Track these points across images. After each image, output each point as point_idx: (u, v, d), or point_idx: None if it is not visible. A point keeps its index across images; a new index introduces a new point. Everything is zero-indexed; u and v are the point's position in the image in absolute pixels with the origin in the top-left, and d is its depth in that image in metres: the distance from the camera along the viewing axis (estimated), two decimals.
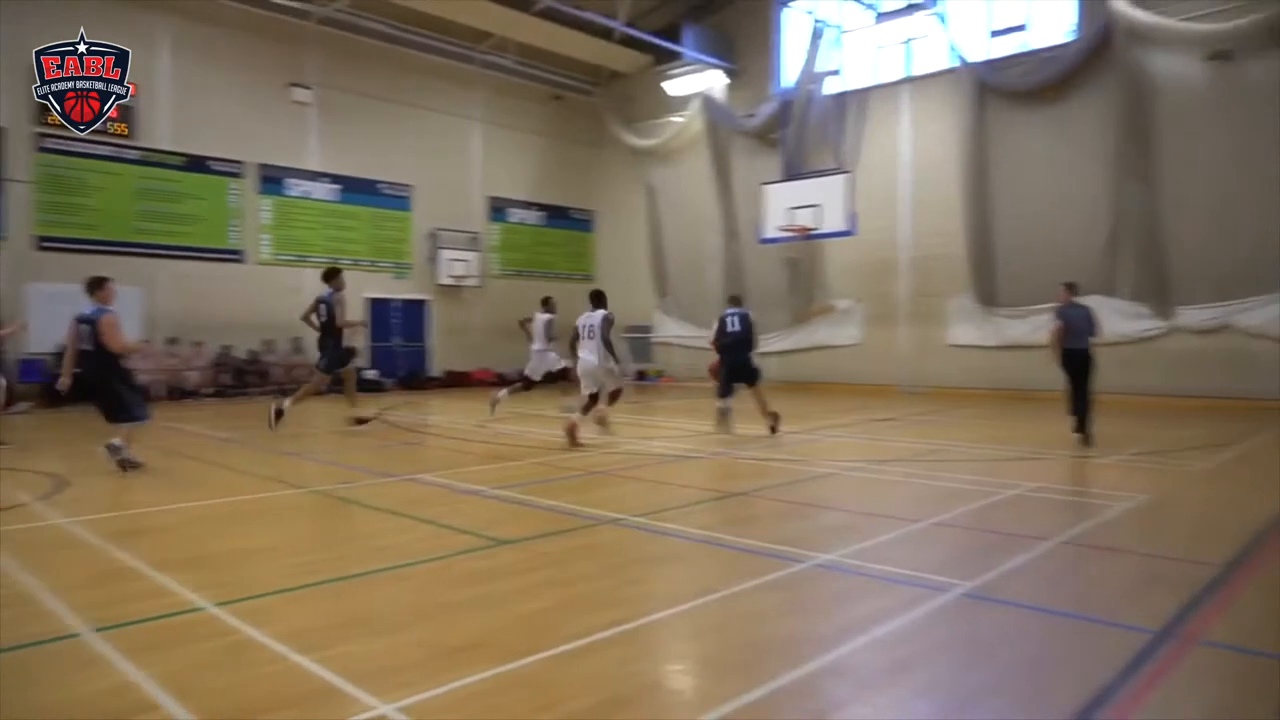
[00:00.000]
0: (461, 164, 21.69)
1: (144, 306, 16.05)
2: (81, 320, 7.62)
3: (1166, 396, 14.52)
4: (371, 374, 19.42)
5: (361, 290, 19.74)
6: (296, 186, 18.59)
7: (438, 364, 21.06)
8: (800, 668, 3.18)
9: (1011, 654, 3.37)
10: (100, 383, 7.64)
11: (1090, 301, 14.10)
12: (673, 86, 21.53)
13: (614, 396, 10.85)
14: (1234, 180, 14.21)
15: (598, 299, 10.57)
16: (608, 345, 10.07)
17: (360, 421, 11.19)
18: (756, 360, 11.05)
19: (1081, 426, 9.63)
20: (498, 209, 22.46)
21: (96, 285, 7.77)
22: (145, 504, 6.48)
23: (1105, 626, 3.67)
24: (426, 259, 20.83)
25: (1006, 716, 2.83)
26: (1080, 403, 9.70)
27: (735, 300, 11.77)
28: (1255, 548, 4.96)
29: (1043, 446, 9.62)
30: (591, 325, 10.11)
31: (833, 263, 19.36)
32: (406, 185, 20.42)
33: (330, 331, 11.07)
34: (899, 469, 8.08)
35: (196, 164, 16.98)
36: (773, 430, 10.44)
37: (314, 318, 11.19)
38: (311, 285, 18.68)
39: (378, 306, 20.05)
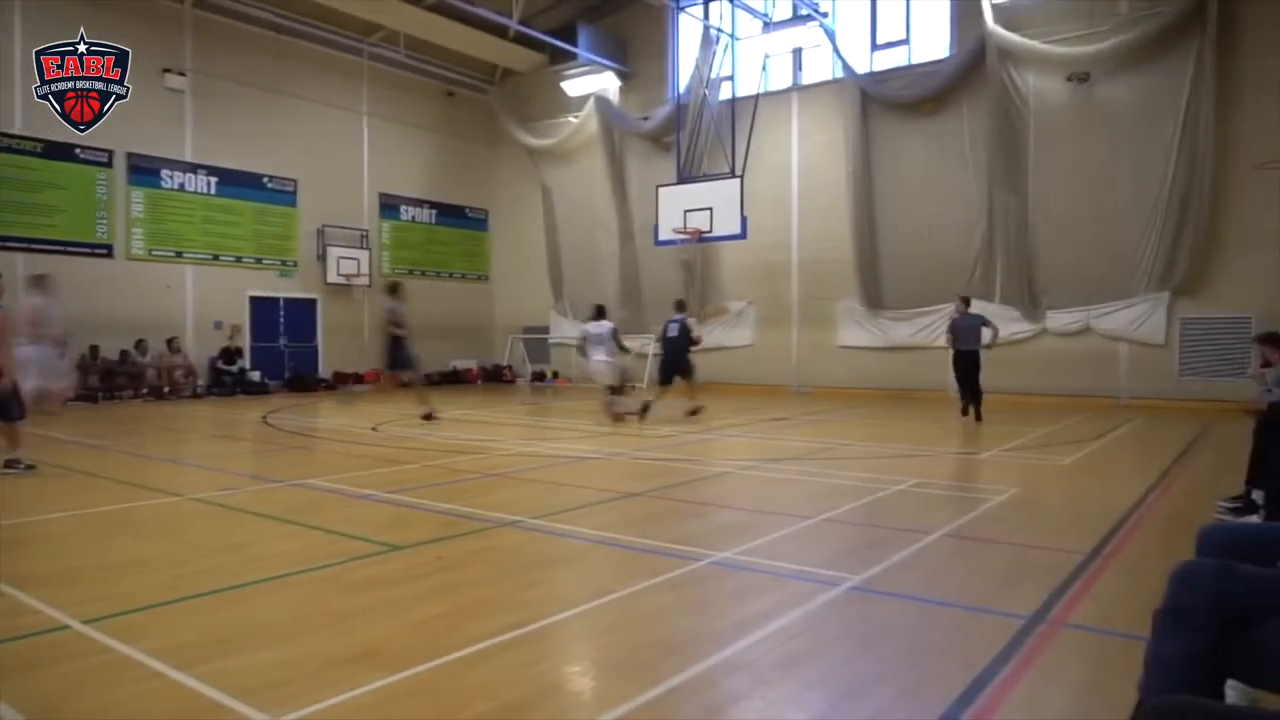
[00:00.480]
0: (350, 159, 21.04)
1: None
2: None
3: (1036, 395, 15.46)
4: (255, 375, 18.63)
5: (245, 289, 18.93)
6: (171, 178, 17.62)
7: (326, 365, 20.36)
8: (697, 665, 3.23)
9: (897, 643, 3.52)
10: None
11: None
12: (569, 87, 21.52)
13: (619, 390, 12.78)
14: (1093, 194, 15.27)
15: (600, 312, 13.13)
16: (621, 348, 12.96)
17: (428, 417, 11.82)
18: (692, 359, 13.13)
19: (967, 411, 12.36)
20: (389, 206, 21.89)
21: None
22: (3, 516, 6.02)
23: (983, 614, 3.87)
24: (314, 257, 20.12)
25: (893, 704, 2.95)
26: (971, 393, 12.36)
27: (679, 306, 13.78)
28: (1115, 535, 5.34)
29: (925, 444, 10.08)
30: (601, 334, 12.60)
31: (726, 265, 19.74)
32: (291, 179, 19.65)
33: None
34: (791, 467, 8.30)
35: (57, 151, 15.85)
36: (694, 413, 12.60)
37: (392, 327, 12.29)
38: (190, 281, 17.88)
39: (262, 306, 19.23)
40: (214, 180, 18.29)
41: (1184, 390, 14.58)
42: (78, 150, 16.10)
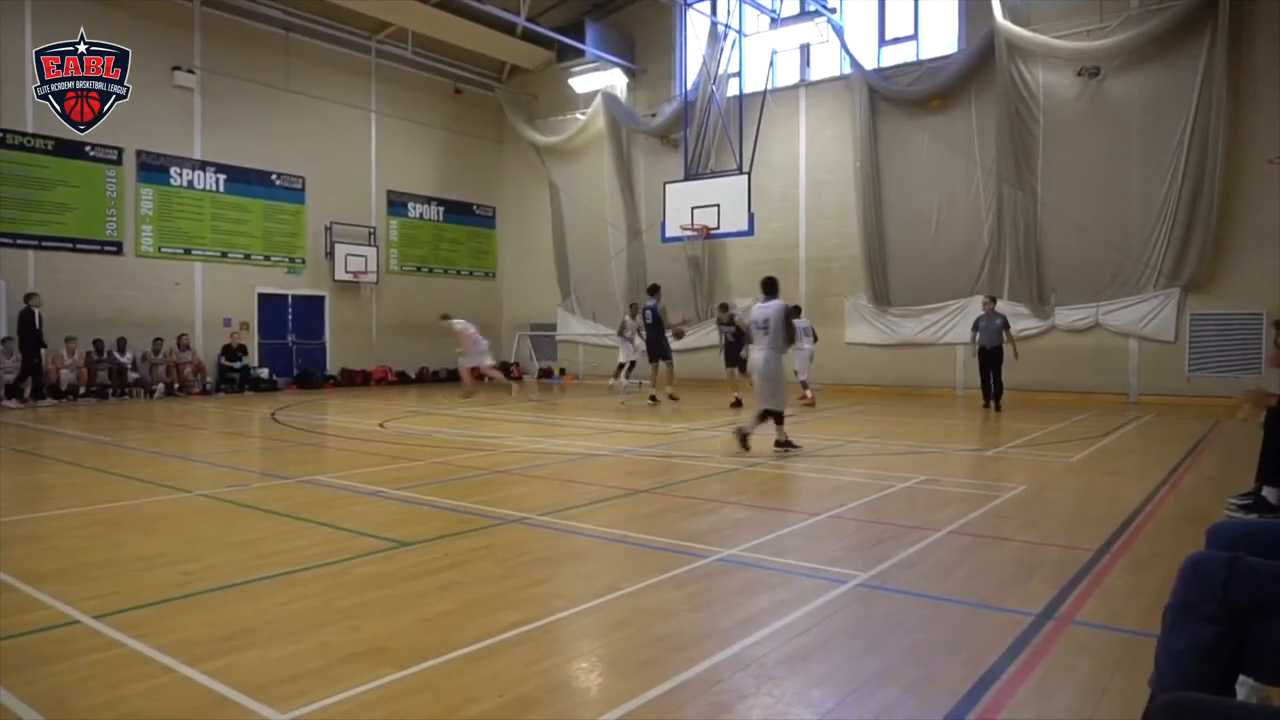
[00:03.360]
0: (358, 156, 21.08)
1: (9, 301, 14.99)
2: None
3: (1046, 391, 15.40)
4: (263, 373, 18.70)
5: (254, 285, 19.01)
6: (180, 175, 17.69)
7: (334, 363, 20.43)
8: (704, 661, 3.23)
9: (904, 641, 3.51)
10: None
11: (975, 302, 15.40)
12: (576, 84, 21.52)
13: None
14: (1102, 189, 15.19)
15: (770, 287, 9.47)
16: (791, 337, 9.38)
17: (672, 398, 14.44)
18: (669, 344, 14.46)
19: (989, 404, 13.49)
20: (396, 203, 21.93)
21: None
22: (13, 512, 6.06)
23: (990, 611, 3.86)
24: (323, 254, 20.17)
25: (899, 701, 2.94)
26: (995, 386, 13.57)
27: (651, 291, 14.92)
28: (1124, 532, 5.31)
29: (933, 440, 10.04)
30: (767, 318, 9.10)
31: (733, 262, 19.71)
32: (299, 177, 19.70)
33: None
34: (798, 464, 8.29)
35: (68, 149, 15.93)
36: (672, 398, 14.36)
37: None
38: (198, 279, 17.95)
39: (271, 303, 19.30)
40: (223, 178, 18.35)
41: (1194, 386, 14.50)
42: (88, 148, 16.18)
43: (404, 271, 22.00)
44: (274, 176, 19.25)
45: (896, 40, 17.69)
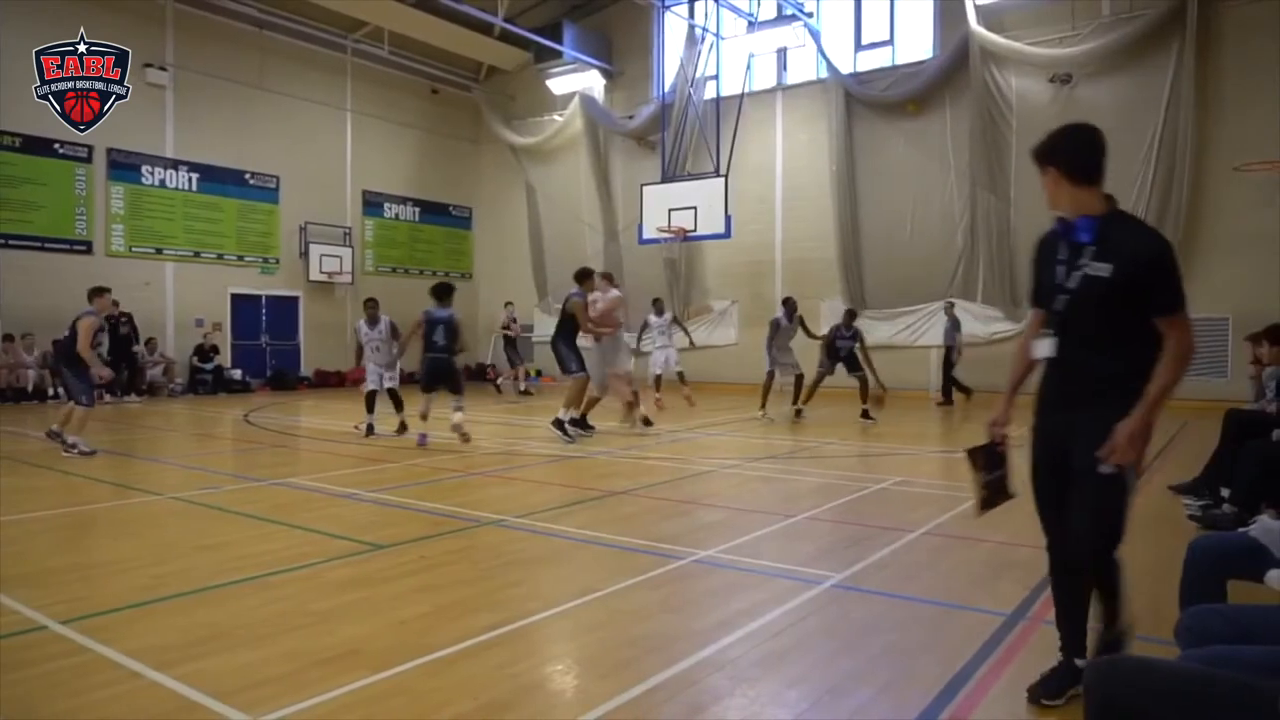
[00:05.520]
0: (333, 156, 20.90)
1: None
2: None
3: (1019, 394, 15.55)
4: (236, 374, 18.49)
5: (227, 286, 18.79)
6: (152, 174, 17.45)
7: (308, 364, 20.23)
8: (679, 663, 3.24)
9: (878, 641, 3.54)
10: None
11: None
12: (554, 85, 21.48)
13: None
14: None
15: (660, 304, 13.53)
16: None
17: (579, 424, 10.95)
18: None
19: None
20: (372, 204, 21.77)
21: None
22: None
23: (963, 611, 3.90)
24: (297, 254, 19.98)
25: (873, 701, 2.97)
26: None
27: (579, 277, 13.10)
28: None
29: (907, 442, 10.13)
30: (663, 325, 12.93)
31: (710, 264, 19.76)
32: (273, 176, 19.49)
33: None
34: (773, 466, 8.33)
35: (36, 146, 15.66)
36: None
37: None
38: (170, 279, 17.70)
39: (244, 303, 19.09)
40: (195, 176, 18.12)
41: None
42: (56, 145, 15.92)
43: (379, 272, 21.84)
44: (247, 175, 19.04)
45: (872, 45, 17.82)
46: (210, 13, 18.08)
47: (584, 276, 10.69)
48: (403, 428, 10.31)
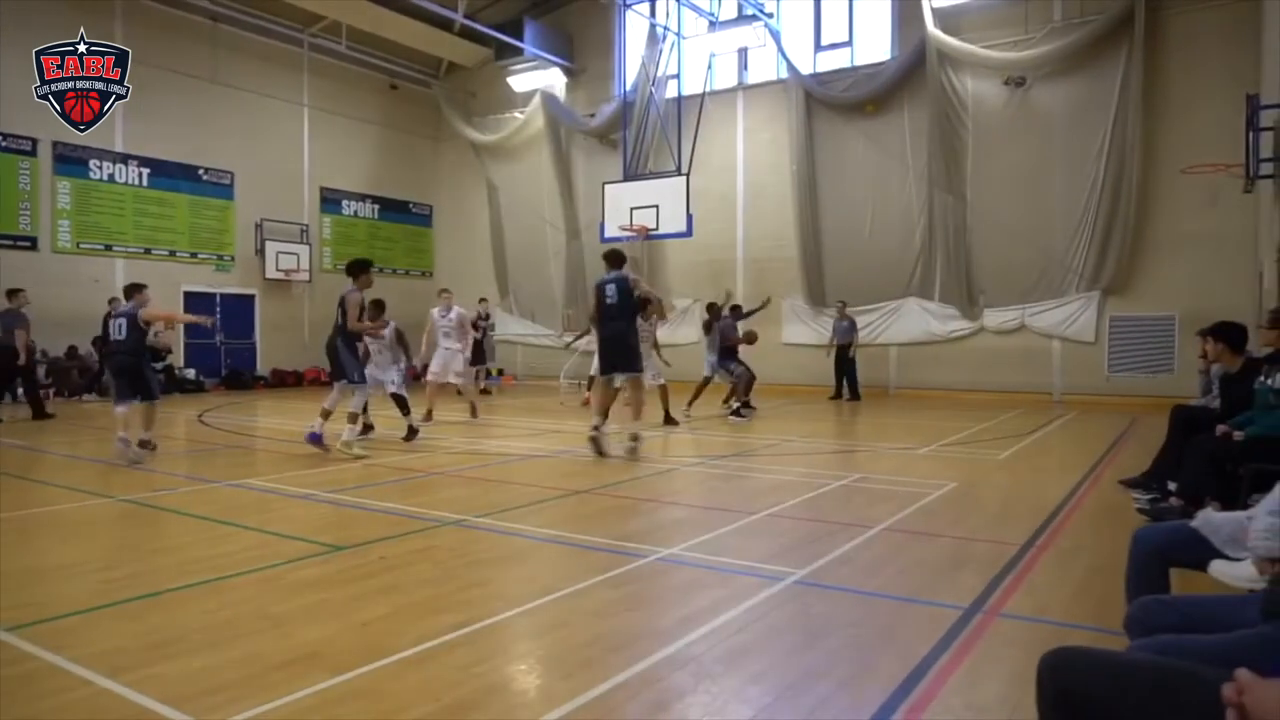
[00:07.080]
0: (290, 152, 20.55)
1: None
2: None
3: (974, 391, 15.85)
4: (189, 373, 18.11)
5: (179, 283, 18.38)
6: (100, 168, 17.01)
7: (264, 363, 19.89)
8: (642, 661, 3.24)
9: (840, 636, 3.57)
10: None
11: (908, 303, 15.85)
12: (515, 82, 21.35)
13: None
14: (1028, 195, 15.70)
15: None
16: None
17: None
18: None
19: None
20: (330, 200, 21.46)
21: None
22: None
23: (922, 605, 3.96)
24: (253, 251, 19.62)
25: (834, 695, 3.00)
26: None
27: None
28: (1048, 527, 5.50)
29: (867, 439, 10.25)
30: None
31: (672, 263, 19.79)
32: (227, 172, 19.12)
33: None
34: (735, 463, 8.37)
35: None
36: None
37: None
38: (120, 276, 17.25)
39: (198, 301, 18.67)
40: (146, 171, 17.71)
41: (1113, 386, 15.09)
42: None
43: (338, 270, 21.48)
44: (201, 171, 18.66)
45: (832, 46, 17.99)
46: (161, 4, 17.67)
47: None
48: (412, 433, 10.07)
